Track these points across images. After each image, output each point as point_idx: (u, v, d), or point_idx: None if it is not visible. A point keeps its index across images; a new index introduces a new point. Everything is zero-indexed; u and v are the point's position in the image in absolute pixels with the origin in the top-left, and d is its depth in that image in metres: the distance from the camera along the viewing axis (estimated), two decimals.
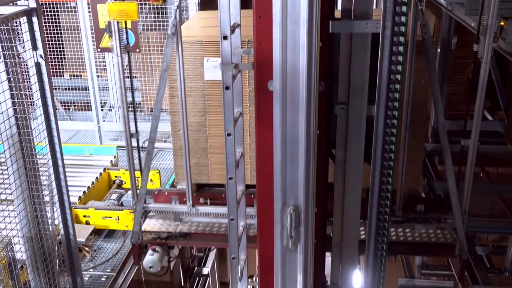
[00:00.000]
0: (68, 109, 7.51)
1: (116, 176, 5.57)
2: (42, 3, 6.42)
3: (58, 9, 6.82)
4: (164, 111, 5.74)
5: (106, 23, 3.98)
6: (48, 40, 6.78)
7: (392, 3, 2.66)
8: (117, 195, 5.15)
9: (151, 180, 5.48)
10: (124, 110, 4.16)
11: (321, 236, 3.22)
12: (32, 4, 3.05)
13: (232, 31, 2.83)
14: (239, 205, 3.23)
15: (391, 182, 2.98)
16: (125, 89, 4.13)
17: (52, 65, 6.88)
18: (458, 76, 5.65)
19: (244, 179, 3.33)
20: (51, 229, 3.51)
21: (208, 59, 4.34)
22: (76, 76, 7.43)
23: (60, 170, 3.42)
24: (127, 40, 4.08)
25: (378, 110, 2.79)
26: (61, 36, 7.08)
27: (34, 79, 3.19)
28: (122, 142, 6.83)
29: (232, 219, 3.21)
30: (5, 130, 3.14)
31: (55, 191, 3.46)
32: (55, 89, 7.19)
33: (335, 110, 3.03)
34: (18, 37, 3.20)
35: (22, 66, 3.29)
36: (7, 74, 3.09)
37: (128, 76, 4.67)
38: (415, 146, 4.32)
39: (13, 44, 3.08)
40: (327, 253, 3.55)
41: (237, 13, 2.92)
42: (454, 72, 5.71)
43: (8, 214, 3.18)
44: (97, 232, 4.92)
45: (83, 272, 3.90)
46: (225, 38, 2.80)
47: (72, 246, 3.63)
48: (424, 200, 4.64)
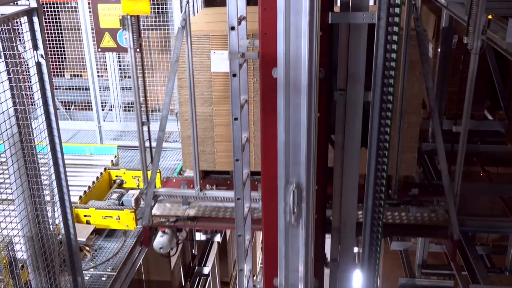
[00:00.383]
0: (69, 108, 7.51)
1: (116, 176, 5.56)
2: (42, 3, 6.41)
3: (59, 8, 6.82)
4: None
5: (120, 17, 4.25)
6: (48, 40, 6.78)
7: None
8: (117, 195, 5.14)
9: None
10: (136, 96, 4.45)
11: (321, 212, 3.39)
12: (33, 4, 3.05)
13: (239, 22, 3.08)
14: (244, 186, 3.47)
15: (386, 162, 3.11)
16: (137, 75, 4.43)
17: (52, 64, 6.88)
18: (458, 76, 5.64)
19: (249, 163, 3.57)
20: (51, 228, 3.51)
21: (214, 52, 4.55)
22: (77, 75, 7.42)
23: (61, 169, 3.42)
24: (139, 33, 4.35)
25: (374, 95, 2.94)
26: (61, 36, 7.08)
27: (34, 78, 3.19)
28: (122, 142, 6.84)
29: (238, 199, 3.48)
30: (5, 130, 3.14)
31: (55, 190, 3.46)
32: (56, 88, 7.20)
33: (334, 96, 3.19)
34: (19, 36, 3.21)
35: (22, 65, 3.29)
36: (8, 73, 3.09)
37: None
38: (410, 134, 4.52)
39: (13, 44, 3.08)
40: (326, 235, 3.70)
41: (243, 6, 3.14)
42: (455, 71, 5.70)
43: (9, 213, 3.17)
44: (97, 231, 4.93)
45: (83, 271, 3.91)
46: (232, 28, 3.07)
47: (73, 245, 3.63)
48: (418, 185, 4.82)
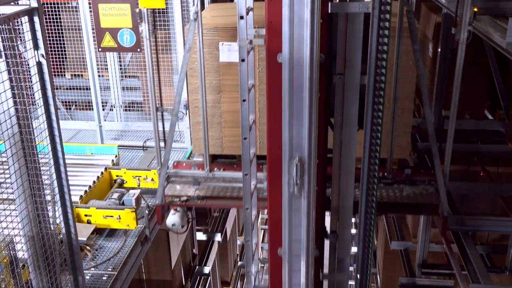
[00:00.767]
0: (70, 108, 7.52)
1: (117, 176, 5.57)
2: (43, 3, 6.41)
3: (60, 8, 6.82)
4: (166, 111, 5.77)
5: (137, 10, 4.85)
6: (49, 40, 6.79)
7: None
8: (118, 194, 5.15)
9: (152, 180, 5.50)
10: (150, 82, 4.95)
11: (321, 184, 3.64)
12: (34, 3, 3.05)
13: (247, 12, 3.44)
14: (251, 163, 3.81)
15: (379, 137, 3.33)
16: (151, 58, 4.90)
17: (53, 64, 6.88)
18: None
19: (255, 143, 3.92)
20: (52, 228, 3.51)
21: (223, 43, 4.94)
22: (77, 75, 7.43)
23: (62, 169, 3.43)
24: (154, 25, 4.95)
25: (369, 78, 3.17)
26: (62, 36, 7.09)
27: (35, 78, 3.20)
28: (123, 142, 6.85)
29: (246, 174, 3.83)
30: (6, 130, 3.14)
31: (56, 190, 3.47)
32: (57, 88, 7.20)
33: (334, 79, 3.43)
34: (20, 36, 3.21)
35: (23, 65, 3.29)
36: (9, 73, 3.10)
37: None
38: (403, 119, 4.86)
39: (14, 44, 3.08)
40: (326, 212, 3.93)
41: None
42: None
43: (10, 213, 3.18)
44: (98, 231, 4.94)
45: (84, 271, 3.91)
46: (241, 18, 3.44)
47: (74, 245, 3.63)
48: (412, 168, 5.17)
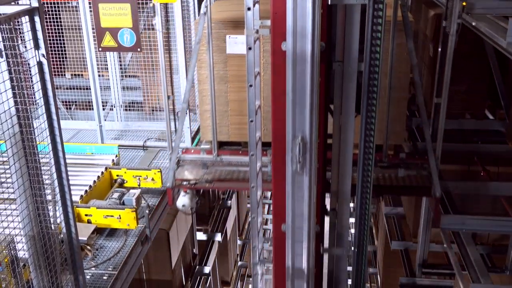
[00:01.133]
0: (70, 108, 7.52)
1: (117, 175, 5.57)
2: (44, 2, 6.42)
3: (60, 8, 6.83)
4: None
5: (152, 4, 5.29)
6: (49, 39, 6.79)
7: None
8: (118, 194, 5.15)
9: (152, 179, 5.50)
10: (162, 72, 5.39)
11: (322, 161, 3.84)
12: (34, 3, 3.05)
13: (253, 4, 3.75)
14: (257, 145, 4.08)
15: (374, 122, 3.53)
16: (163, 51, 5.33)
17: (53, 64, 6.89)
18: (458, 75, 5.63)
19: (260, 128, 4.20)
20: (53, 227, 3.51)
21: (230, 36, 5.22)
22: (78, 75, 7.44)
23: (62, 169, 3.43)
24: (167, 19, 5.30)
25: (365, 64, 3.45)
26: (62, 35, 7.09)
27: (36, 78, 3.19)
28: (123, 141, 6.85)
29: (252, 155, 4.08)
30: (7, 129, 3.14)
31: (57, 190, 3.47)
32: (57, 88, 7.21)
33: (333, 66, 3.64)
34: (20, 36, 3.21)
35: (24, 65, 3.30)
36: (9, 73, 3.10)
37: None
38: (398, 106, 5.14)
39: (15, 43, 3.08)
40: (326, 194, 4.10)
41: None
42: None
43: (11, 212, 3.18)
44: (98, 231, 4.94)
45: (85, 270, 3.91)
46: (249, 9, 3.75)
47: (74, 244, 3.63)
48: (406, 153, 5.38)
